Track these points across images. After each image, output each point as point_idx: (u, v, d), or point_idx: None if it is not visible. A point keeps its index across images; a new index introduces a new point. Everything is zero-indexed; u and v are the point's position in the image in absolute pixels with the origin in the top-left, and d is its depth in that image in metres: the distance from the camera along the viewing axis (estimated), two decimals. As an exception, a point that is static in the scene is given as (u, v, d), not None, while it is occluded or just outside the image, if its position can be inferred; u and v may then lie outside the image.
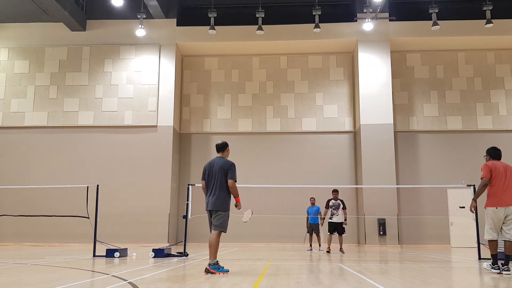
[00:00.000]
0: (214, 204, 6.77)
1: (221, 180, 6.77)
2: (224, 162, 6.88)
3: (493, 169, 7.12)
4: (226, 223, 6.84)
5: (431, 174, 18.55)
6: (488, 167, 7.17)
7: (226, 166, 6.80)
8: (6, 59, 19.59)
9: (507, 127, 18.83)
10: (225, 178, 6.77)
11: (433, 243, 17.85)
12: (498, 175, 7.07)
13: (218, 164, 6.86)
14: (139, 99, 18.93)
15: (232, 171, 6.77)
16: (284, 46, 19.72)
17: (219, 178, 6.76)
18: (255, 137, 19.57)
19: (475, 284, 5.83)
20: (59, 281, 5.77)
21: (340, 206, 13.41)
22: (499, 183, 7.03)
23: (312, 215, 14.56)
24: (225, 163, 6.84)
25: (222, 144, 7.15)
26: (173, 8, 19.56)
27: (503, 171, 7.09)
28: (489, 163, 7.26)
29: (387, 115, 18.29)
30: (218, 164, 6.86)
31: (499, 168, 7.13)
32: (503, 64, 19.47)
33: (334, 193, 13.57)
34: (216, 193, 6.75)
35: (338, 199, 13.52)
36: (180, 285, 5.52)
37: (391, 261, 10.18)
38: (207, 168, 6.97)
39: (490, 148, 7.55)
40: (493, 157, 7.40)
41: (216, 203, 6.76)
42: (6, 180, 17.59)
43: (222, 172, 6.78)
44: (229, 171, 6.75)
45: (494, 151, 7.48)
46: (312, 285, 5.54)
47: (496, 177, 7.07)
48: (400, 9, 19.01)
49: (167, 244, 17.04)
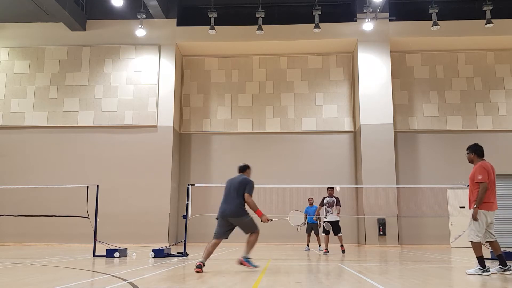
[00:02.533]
0: (233, 211, 7.24)
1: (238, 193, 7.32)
2: (244, 178, 7.53)
3: (489, 172, 6.73)
4: (254, 223, 7.31)
5: (431, 174, 18.55)
6: (485, 170, 6.71)
7: (244, 181, 7.43)
8: (6, 59, 19.59)
9: (507, 127, 18.83)
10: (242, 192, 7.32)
11: (433, 243, 17.84)
12: (491, 177, 6.72)
13: (238, 179, 7.48)
14: (139, 99, 18.93)
15: (250, 186, 7.36)
16: (284, 46, 19.72)
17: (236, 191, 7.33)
18: (255, 137, 19.57)
19: (475, 284, 5.83)
20: (59, 281, 5.77)
21: (334, 203, 12.68)
22: (493, 186, 6.72)
23: (311, 215, 14.56)
24: (245, 179, 7.49)
25: (243, 166, 7.83)
26: (173, 8, 19.56)
27: (492, 173, 6.76)
28: (485, 164, 6.81)
29: (387, 115, 18.30)
30: (238, 179, 7.49)
31: (490, 170, 6.75)
32: (503, 64, 19.47)
33: (329, 190, 12.87)
34: (234, 202, 7.27)
35: (333, 196, 12.80)
36: (180, 285, 5.52)
37: (391, 261, 10.18)
38: (228, 183, 7.60)
39: (473, 145, 7.00)
40: (479, 155, 6.92)
41: (235, 210, 7.24)
42: (6, 180, 17.58)
43: (241, 185, 7.37)
44: (247, 186, 7.35)
45: (479, 148, 6.95)
46: (312, 285, 5.54)
47: (491, 180, 6.72)
48: (400, 9, 19.01)
49: (167, 244, 17.04)
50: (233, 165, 20.43)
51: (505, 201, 18.25)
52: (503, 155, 18.56)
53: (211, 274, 6.74)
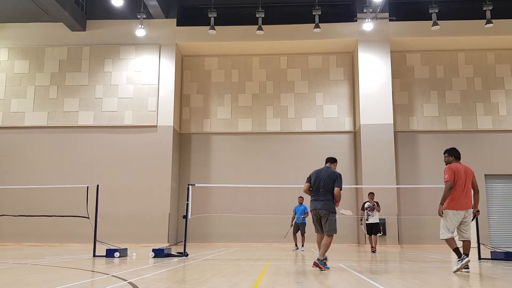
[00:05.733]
0: (324, 206, 7.52)
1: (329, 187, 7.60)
2: (333, 172, 7.80)
3: (456, 173, 7.08)
4: (335, 226, 7.54)
5: (431, 174, 18.53)
6: (452, 170, 7.11)
7: (334, 175, 7.69)
8: (6, 59, 19.59)
9: (507, 127, 18.82)
10: (332, 186, 7.58)
11: (433, 243, 17.82)
12: (459, 179, 7.06)
13: (326, 173, 7.77)
14: (139, 99, 18.93)
15: (339, 180, 7.63)
16: (284, 46, 19.72)
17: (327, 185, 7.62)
18: (255, 137, 19.56)
19: (474, 284, 5.82)
20: (59, 281, 5.77)
21: (375, 207, 13.89)
22: (460, 187, 7.03)
23: (299, 214, 14.54)
24: (334, 173, 7.75)
25: (333, 158, 8.24)
26: (173, 8, 19.56)
27: (463, 175, 7.09)
28: (453, 166, 7.18)
29: (387, 115, 18.29)
30: (327, 172, 7.78)
31: (461, 171, 7.11)
32: (503, 64, 19.47)
33: (370, 195, 14.08)
34: (325, 197, 7.58)
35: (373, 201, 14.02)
36: (180, 285, 5.52)
37: (391, 261, 10.18)
38: (313, 175, 7.96)
39: (452, 148, 7.45)
40: (456, 157, 7.32)
41: (326, 205, 7.52)
42: (6, 180, 17.59)
43: (330, 180, 7.63)
44: (336, 180, 7.61)
45: (455, 152, 7.38)
46: (312, 285, 5.54)
47: (458, 180, 7.06)
48: (400, 9, 19.01)
49: (167, 244, 17.04)
50: (233, 165, 20.52)
51: (505, 201, 18.26)
52: (503, 155, 18.57)
53: (211, 274, 6.74)
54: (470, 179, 7.19)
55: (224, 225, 18.30)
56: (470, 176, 7.20)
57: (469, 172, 7.22)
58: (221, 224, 18.31)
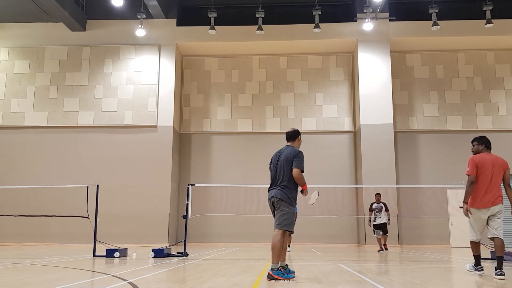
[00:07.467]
0: (278, 193, 6.03)
1: (287, 172, 6.07)
2: (292, 150, 6.20)
3: (480, 165, 6.23)
4: (291, 221, 5.96)
5: (431, 174, 18.55)
6: (474, 162, 6.24)
7: (291, 155, 6.10)
8: (6, 59, 19.59)
9: (507, 127, 18.82)
10: (291, 169, 6.04)
11: (433, 243, 17.84)
12: (483, 172, 6.20)
13: (284, 153, 6.21)
14: (139, 99, 18.93)
15: (298, 159, 6.08)
16: (284, 46, 19.72)
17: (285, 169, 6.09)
18: (255, 137, 19.56)
19: (475, 284, 5.82)
20: (59, 281, 5.77)
21: (382, 209, 14.09)
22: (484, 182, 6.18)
23: None
24: (292, 152, 6.15)
25: (292, 132, 6.48)
26: (173, 8, 19.56)
27: (490, 167, 6.22)
28: (476, 157, 6.33)
29: (387, 115, 18.30)
30: (285, 153, 6.21)
31: (487, 163, 6.23)
32: (503, 64, 19.47)
33: (377, 196, 14.21)
34: (284, 182, 6.05)
35: (380, 202, 14.18)
36: (180, 285, 5.52)
37: (391, 261, 10.18)
38: (273, 158, 6.37)
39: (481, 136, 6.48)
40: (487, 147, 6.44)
41: (281, 192, 6.03)
42: (6, 180, 17.58)
43: (288, 161, 6.09)
44: (294, 159, 6.06)
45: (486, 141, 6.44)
46: (312, 285, 5.54)
47: (481, 174, 6.19)
48: (400, 9, 19.00)
49: (167, 244, 17.04)
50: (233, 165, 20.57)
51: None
52: (503, 155, 18.36)
53: (211, 274, 6.74)
54: (500, 172, 6.27)
55: (224, 225, 18.30)
56: (500, 168, 6.26)
57: (499, 163, 6.28)
58: (221, 224, 18.31)
